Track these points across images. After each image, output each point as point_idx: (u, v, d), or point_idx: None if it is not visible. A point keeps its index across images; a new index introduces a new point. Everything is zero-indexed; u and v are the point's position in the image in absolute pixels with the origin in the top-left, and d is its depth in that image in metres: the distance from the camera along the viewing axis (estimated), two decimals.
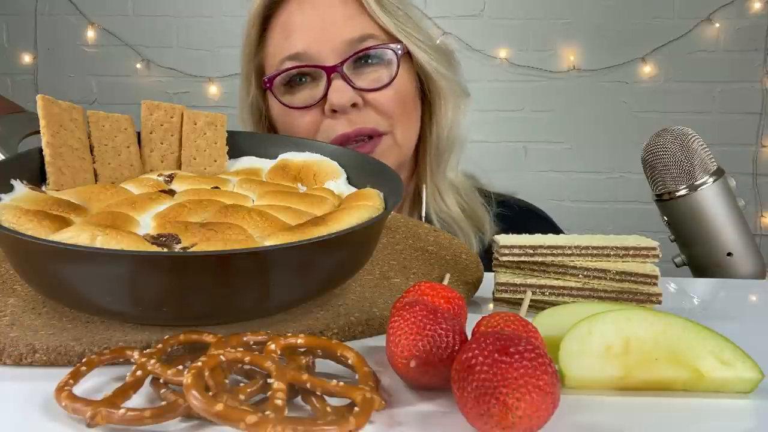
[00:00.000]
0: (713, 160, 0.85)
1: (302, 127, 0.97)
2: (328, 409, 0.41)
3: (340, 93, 0.93)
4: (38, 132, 0.64)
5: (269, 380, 0.41)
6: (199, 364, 0.41)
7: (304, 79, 0.97)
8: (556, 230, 1.11)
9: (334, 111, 0.94)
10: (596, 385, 0.47)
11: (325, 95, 0.95)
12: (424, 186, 1.04)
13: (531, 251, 0.61)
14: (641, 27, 2.81)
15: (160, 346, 0.47)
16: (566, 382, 0.46)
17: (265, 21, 1.01)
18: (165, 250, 0.51)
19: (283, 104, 0.98)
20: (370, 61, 0.97)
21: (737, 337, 0.47)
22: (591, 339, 0.47)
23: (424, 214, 1.01)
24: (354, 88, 0.95)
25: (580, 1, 2.83)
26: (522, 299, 0.59)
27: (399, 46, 0.97)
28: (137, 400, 0.43)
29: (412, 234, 0.77)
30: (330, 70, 0.94)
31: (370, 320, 0.56)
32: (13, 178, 0.61)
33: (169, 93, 2.92)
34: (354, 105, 0.94)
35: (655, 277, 0.60)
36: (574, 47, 2.84)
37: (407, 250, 0.73)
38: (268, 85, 0.99)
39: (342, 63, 0.95)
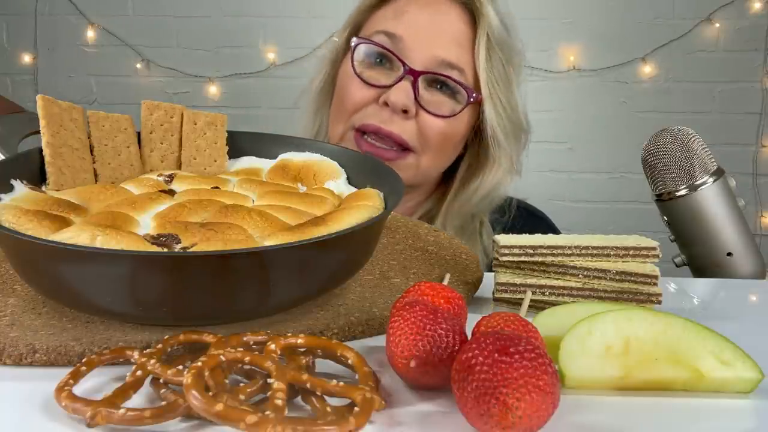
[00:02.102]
0: (713, 160, 0.85)
1: (354, 96, 1.00)
2: (328, 409, 0.41)
3: (401, 93, 0.96)
4: (38, 132, 0.64)
5: (269, 380, 0.41)
6: (199, 364, 0.41)
7: (383, 62, 1.00)
8: (552, 231, 1.11)
9: (386, 104, 0.97)
10: (596, 385, 0.47)
11: (389, 86, 0.97)
12: (435, 223, 1.06)
13: (531, 251, 0.61)
14: (641, 27, 2.81)
15: (160, 346, 0.47)
16: (566, 382, 0.46)
17: None
18: (165, 250, 0.51)
19: (354, 69, 1.00)
20: (443, 88, 0.99)
21: (737, 337, 0.47)
22: (591, 339, 0.47)
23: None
24: (415, 98, 0.97)
25: (581, 1, 2.83)
26: (522, 299, 0.59)
27: (475, 95, 0.99)
28: (137, 400, 0.43)
29: (412, 234, 0.77)
30: (408, 71, 0.97)
31: (370, 320, 0.56)
32: (13, 178, 0.61)
33: (169, 93, 2.92)
34: (405, 111, 0.97)
35: (655, 277, 0.60)
36: (574, 47, 2.84)
37: (407, 250, 0.73)
38: (353, 45, 1.01)
39: (422, 72, 0.97)
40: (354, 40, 1.02)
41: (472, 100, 0.99)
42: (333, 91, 1.09)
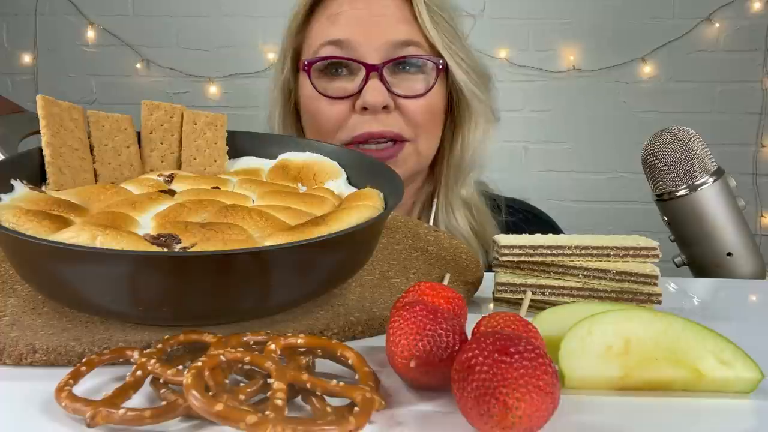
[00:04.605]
0: (713, 160, 0.85)
1: (329, 116, 0.99)
2: (328, 409, 0.41)
3: (375, 93, 0.95)
4: (38, 132, 0.64)
5: (269, 380, 0.41)
6: (199, 364, 0.41)
7: (341, 71, 0.99)
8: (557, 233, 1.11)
9: (364, 108, 0.96)
10: (596, 385, 0.47)
11: (360, 91, 0.96)
12: (435, 199, 1.06)
13: (531, 251, 0.61)
14: (641, 27, 2.81)
15: (160, 346, 0.47)
16: (566, 382, 0.46)
17: (314, 5, 1.03)
18: (165, 250, 0.51)
19: (317, 90, 0.99)
20: (408, 68, 0.99)
21: (737, 337, 0.47)
22: (591, 339, 0.47)
23: (431, 224, 1.03)
24: (389, 91, 0.96)
25: (580, 1, 2.82)
26: (522, 299, 0.59)
27: (440, 61, 0.99)
28: (137, 400, 0.43)
29: (412, 234, 0.77)
30: (370, 68, 0.96)
31: (370, 320, 0.56)
32: (13, 178, 0.61)
33: (169, 93, 2.92)
34: (385, 107, 0.96)
35: (655, 277, 0.60)
36: (574, 47, 2.84)
37: (407, 250, 0.73)
38: (306, 67, 1.00)
39: (383, 64, 0.96)
40: (305, 62, 1.00)
41: (441, 67, 0.99)
42: (298, 121, 1.07)
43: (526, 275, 0.62)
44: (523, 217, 1.13)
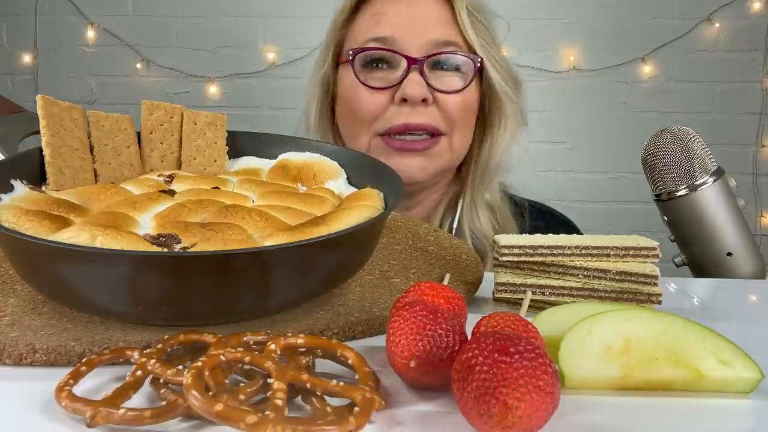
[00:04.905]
0: (713, 160, 0.85)
1: (368, 106, 1.02)
2: (328, 409, 0.41)
3: (415, 85, 0.98)
4: (38, 132, 0.64)
5: (269, 380, 0.41)
6: (199, 364, 0.41)
7: (382, 65, 1.02)
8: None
9: (404, 100, 0.99)
10: (596, 385, 0.47)
11: (400, 83, 0.99)
12: (461, 200, 1.09)
13: (531, 251, 0.61)
14: (641, 27, 2.81)
15: (160, 346, 0.47)
16: (566, 382, 0.46)
17: (359, 3, 1.06)
18: (165, 250, 0.51)
19: (359, 79, 1.02)
20: (447, 66, 1.02)
21: (737, 337, 0.47)
22: (591, 339, 0.47)
23: (456, 224, 1.06)
24: (428, 84, 0.99)
25: (580, 1, 2.82)
26: (522, 299, 0.59)
27: (478, 59, 1.02)
28: (137, 400, 0.43)
29: (412, 234, 0.77)
30: (411, 62, 0.99)
31: (370, 320, 0.56)
32: (13, 178, 0.61)
33: (169, 93, 2.92)
34: (424, 100, 0.99)
35: (655, 277, 0.60)
36: (574, 47, 2.84)
37: (407, 250, 0.73)
38: (351, 57, 1.03)
39: (424, 58, 0.99)
40: (349, 51, 1.03)
41: (478, 65, 1.02)
42: (333, 114, 1.10)
43: (526, 275, 0.62)
44: (542, 218, 1.14)
